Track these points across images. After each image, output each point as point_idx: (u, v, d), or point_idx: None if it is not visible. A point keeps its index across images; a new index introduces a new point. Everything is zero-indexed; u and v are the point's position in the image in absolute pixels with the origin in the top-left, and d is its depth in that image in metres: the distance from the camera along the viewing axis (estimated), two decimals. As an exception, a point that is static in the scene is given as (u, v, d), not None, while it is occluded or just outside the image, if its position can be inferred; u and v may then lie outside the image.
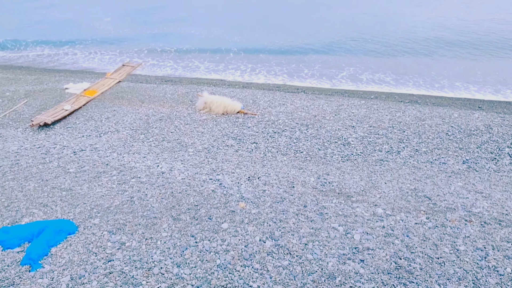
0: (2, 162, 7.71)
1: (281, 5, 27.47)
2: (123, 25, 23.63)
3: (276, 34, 20.02)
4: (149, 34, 21.18)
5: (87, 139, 8.67)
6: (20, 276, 4.95)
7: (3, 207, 6.33)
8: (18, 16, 26.65)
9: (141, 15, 26.18)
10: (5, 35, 21.22)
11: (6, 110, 10.23)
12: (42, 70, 15.21)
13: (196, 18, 24.49)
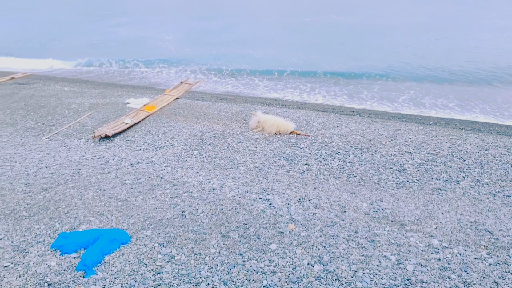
0: (64, 171, 8.13)
1: (342, 29, 27.46)
2: (183, 44, 24.51)
3: (334, 56, 20.01)
4: (208, 54, 21.82)
5: (144, 152, 8.97)
6: (75, 281, 5.14)
7: (63, 214, 6.65)
8: (88, 34, 28.35)
9: (201, 35, 27.05)
10: (76, 53, 22.61)
11: (71, 122, 10.82)
12: (106, 84, 16.02)
13: (255, 39, 24.98)
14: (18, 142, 9.64)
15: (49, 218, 6.53)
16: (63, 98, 12.95)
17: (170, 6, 42.20)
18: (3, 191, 7.39)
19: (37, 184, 7.62)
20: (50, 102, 12.52)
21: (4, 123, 10.88)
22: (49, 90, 14.21)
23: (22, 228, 6.28)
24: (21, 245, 5.89)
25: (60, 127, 10.47)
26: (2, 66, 19.70)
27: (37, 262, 5.53)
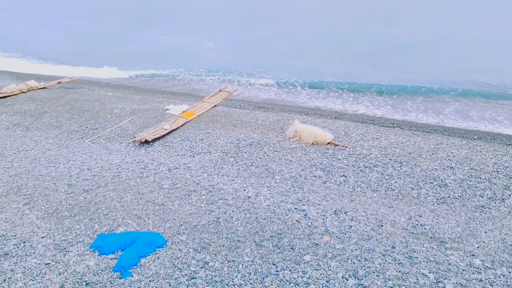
0: (105, 173, 8.37)
1: (385, 40, 27.09)
2: (224, 53, 24.85)
3: (377, 67, 19.77)
4: (247, 63, 22.03)
5: (181, 158, 9.11)
6: (112, 281, 5.26)
7: (102, 215, 6.83)
8: (132, 43, 29.19)
9: (242, 44, 27.34)
10: (124, 61, 23.33)
11: (113, 126, 11.14)
12: (148, 90, 16.44)
13: (295, 48, 25.01)
14: (62, 144, 10.01)
15: (89, 219, 6.72)
16: (106, 103, 13.38)
17: (214, 15, 42.95)
18: (47, 191, 7.68)
19: (79, 186, 7.88)
20: (94, 107, 12.96)
21: (50, 125, 11.34)
22: (93, 95, 14.71)
23: (64, 228, 6.50)
24: (62, 244, 6.10)
25: (102, 131, 10.81)
26: (60, 73, 20.58)
27: (76, 261, 5.70)
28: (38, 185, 7.93)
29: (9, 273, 5.50)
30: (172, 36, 31.09)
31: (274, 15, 40.56)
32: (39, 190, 7.74)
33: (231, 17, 41.37)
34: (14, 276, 5.44)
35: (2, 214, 6.90)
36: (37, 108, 12.94)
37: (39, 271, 5.51)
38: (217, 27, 34.48)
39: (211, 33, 31.91)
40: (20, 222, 6.69)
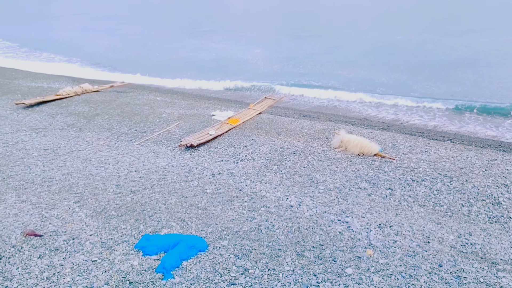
0: (152, 176, 8.58)
1: (441, 51, 26.33)
2: (272, 61, 24.97)
3: (432, 79, 19.24)
4: (294, 71, 22.03)
5: (225, 163, 9.19)
6: (154, 282, 5.36)
7: (148, 216, 7.00)
8: (183, 50, 29.92)
9: (291, 53, 27.36)
10: (182, 69, 23.94)
11: (161, 130, 11.43)
12: (195, 96, 16.76)
13: (345, 58, 24.70)
14: (112, 145, 10.37)
15: (135, 220, 6.90)
16: (155, 107, 13.75)
17: (264, 24, 43.34)
18: (97, 191, 7.97)
19: (126, 186, 8.12)
20: (143, 110, 13.36)
21: (102, 127, 11.79)
22: (143, 99, 15.17)
23: (111, 227, 6.71)
24: (108, 242, 6.29)
25: (150, 134, 11.11)
26: (113, 79, 21.38)
27: (121, 260, 5.86)
28: (88, 184, 8.25)
29: (58, 267, 5.74)
30: (221, 43, 31.61)
31: (324, 23, 40.40)
32: (89, 189, 8.04)
33: (280, 26, 41.57)
34: (63, 270, 5.67)
35: (54, 211, 7.22)
36: (90, 110, 13.50)
37: (86, 268, 5.71)
38: (267, 36, 34.72)
39: (260, 41, 32.18)
40: (70, 219, 6.97)
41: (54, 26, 45.52)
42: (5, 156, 9.76)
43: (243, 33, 35.71)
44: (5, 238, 6.44)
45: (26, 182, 8.37)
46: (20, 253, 6.08)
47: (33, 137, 11.02)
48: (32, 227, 6.72)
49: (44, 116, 12.89)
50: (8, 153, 9.94)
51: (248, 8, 60.58)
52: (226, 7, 63.78)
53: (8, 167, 9.10)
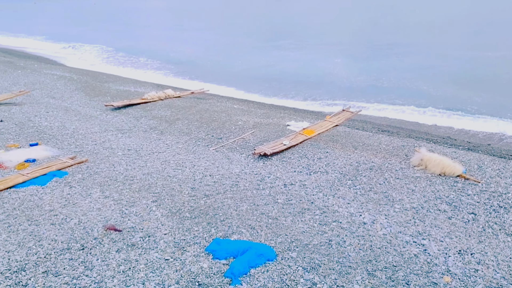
0: (225, 181, 8.75)
1: None
2: (351, 72, 24.52)
3: None
4: (374, 84, 21.47)
5: (297, 174, 9.14)
6: (222, 286, 5.43)
7: (219, 221, 7.13)
8: (261, 58, 30.40)
9: (372, 65, 26.76)
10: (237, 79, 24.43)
11: (236, 137, 11.65)
12: (271, 105, 16.92)
13: (429, 72, 23.62)
14: (190, 149, 10.75)
15: (207, 223, 7.07)
16: (232, 115, 14.07)
17: (347, 37, 42.90)
18: (173, 192, 8.28)
19: (201, 190, 8.35)
20: (220, 117, 13.72)
21: (181, 131, 12.27)
22: (221, 106, 15.60)
23: (184, 228, 6.92)
24: (181, 243, 6.49)
25: (226, 141, 11.37)
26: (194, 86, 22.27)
27: (192, 261, 6.01)
28: (166, 185, 8.60)
29: (134, 262, 6.02)
30: (296, 51, 31.69)
31: (408, 36, 39.04)
32: (166, 190, 8.38)
33: (363, 34, 40.84)
34: (137, 266, 5.94)
35: (134, 208, 7.61)
36: (172, 114, 14.12)
37: (159, 265, 5.93)
38: (349, 49, 34.25)
39: (341, 54, 31.79)
40: (148, 217, 7.30)
41: (146, 34, 48.48)
42: (93, 153, 10.49)
43: (326, 46, 35.47)
44: (89, 230, 6.89)
45: (110, 179, 8.92)
46: (101, 245, 6.46)
47: (118, 137, 11.75)
48: (112, 222, 7.13)
49: (130, 118, 13.70)
50: (96, 151, 10.68)
51: (335, 21, 60.26)
52: (314, 19, 63.97)
53: (95, 164, 9.77)
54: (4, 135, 11.80)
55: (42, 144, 11.09)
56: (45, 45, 40.15)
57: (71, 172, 9.29)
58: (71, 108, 15.00)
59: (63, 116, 13.83)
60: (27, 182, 8.72)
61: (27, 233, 6.81)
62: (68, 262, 6.05)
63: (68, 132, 12.17)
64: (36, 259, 6.12)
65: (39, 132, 12.19)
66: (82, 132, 12.19)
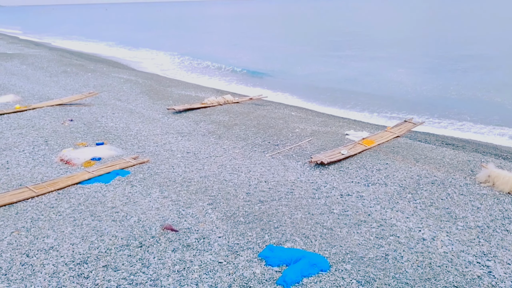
0: (280, 188, 8.73)
1: None
2: (416, 82, 23.71)
3: None
4: (442, 95, 20.58)
5: (355, 185, 8.93)
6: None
7: (273, 228, 7.12)
8: (321, 66, 30.19)
9: (439, 74, 25.75)
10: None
11: (293, 144, 11.61)
12: (329, 114, 16.71)
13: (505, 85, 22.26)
14: (246, 155, 10.84)
15: (261, 229, 7.08)
16: (289, 122, 14.05)
17: (409, 43, 41.65)
18: (228, 196, 8.38)
19: (255, 195, 8.39)
20: (277, 124, 13.74)
21: (238, 137, 12.42)
22: (279, 113, 15.62)
23: (238, 232, 6.98)
24: (234, 247, 6.54)
25: (282, 148, 11.36)
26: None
27: (245, 266, 6.04)
28: (221, 189, 8.72)
29: (188, 263, 6.15)
30: (358, 60, 31.13)
31: (480, 45, 37.18)
32: (222, 193, 8.49)
33: (430, 44, 39.41)
34: (192, 266, 6.05)
35: (190, 210, 7.79)
36: (230, 120, 14.34)
37: (212, 267, 6.01)
38: (410, 58, 33.18)
39: (404, 60, 30.87)
40: (203, 219, 7.43)
41: (208, 41, 49.80)
42: (154, 154, 10.86)
43: (390, 55, 34.57)
44: (147, 228, 7.13)
45: (169, 180, 9.19)
46: (158, 244, 6.66)
47: (178, 140, 12.09)
48: (170, 222, 7.33)
49: (190, 122, 14.07)
50: (157, 152, 11.05)
51: (401, 31, 58.84)
52: (378, 28, 62.83)
53: (155, 165, 10.11)
54: (73, 134, 12.54)
55: (108, 144, 11.66)
56: (114, 50, 42.30)
57: (133, 172, 9.68)
58: (135, 110, 15.67)
59: (127, 118, 14.47)
60: (92, 179, 9.18)
61: (90, 228, 7.16)
62: (126, 258, 6.29)
63: (132, 133, 12.71)
64: (97, 253, 6.41)
65: (105, 132, 12.82)
66: (145, 134, 12.67)
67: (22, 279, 5.79)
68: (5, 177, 9.30)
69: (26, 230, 7.09)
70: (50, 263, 6.16)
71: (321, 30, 62.30)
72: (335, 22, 77.13)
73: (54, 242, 6.72)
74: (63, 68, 25.40)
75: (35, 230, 7.09)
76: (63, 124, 13.49)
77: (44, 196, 8.39)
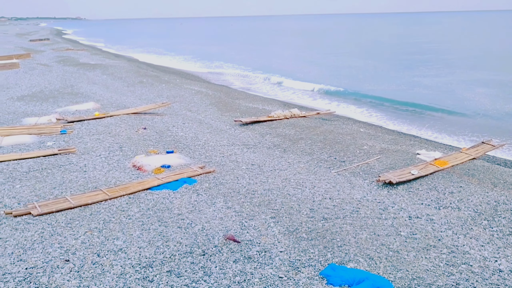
0: (345, 206, 8.52)
1: None
2: (497, 100, 22.29)
3: None
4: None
5: (425, 207, 8.51)
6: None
7: (336, 246, 6.94)
8: (396, 82, 29.33)
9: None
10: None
11: (360, 161, 11.32)
12: (399, 132, 16.13)
13: None
14: (311, 170, 10.73)
15: (323, 247, 6.93)
16: (357, 138, 13.74)
17: (492, 61, 39.40)
18: (291, 210, 8.32)
19: (319, 212, 8.25)
20: (345, 140, 13.49)
21: (304, 151, 12.34)
22: (347, 128, 15.34)
23: (300, 248, 6.89)
24: (296, 263, 6.46)
25: (349, 165, 11.11)
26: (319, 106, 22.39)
27: (305, 283, 5.93)
28: (285, 203, 8.68)
29: (249, 275, 6.15)
30: (435, 79, 29.82)
31: None
32: (285, 208, 8.45)
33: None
34: (252, 279, 6.05)
35: (253, 222, 7.82)
36: (295, 134, 14.30)
37: (272, 282, 5.97)
38: (491, 77, 31.28)
39: (483, 82, 29.17)
40: (265, 232, 7.42)
41: (279, 54, 50.37)
42: (220, 165, 11.08)
43: (468, 73, 32.87)
44: (210, 237, 7.25)
45: (233, 191, 9.31)
46: (220, 254, 6.74)
47: (244, 152, 12.25)
48: (232, 232, 7.40)
49: (255, 135, 14.22)
50: (223, 163, 11.26)
51: (482, 48, 55.97)
52: (456, 44, 60.26)
53: (221, 175, 10.30)
54: (146, 141, 13.13)
55: (177, 152, 12.08)
56: (187, 63, 43.96)
57: (199, 181, 9.93)
58: (204, 121, 16.13)
59: (196, 128, 14.92)
60: (161, 186, 9.54)
61: (157, 233, 7.41)
62: (189, 265, 6.43)
63: (200, 143, 13.07)
64: (162, 258, 6.61)
65: (175, 141, 13.30)
66: (212, 144, 12.98)
67: (92, 277, 6.10)
68: (82, 179, 9.92)
69: (98, 231, 7.48)
70: (118, 264, 6.44)
71: (396, 45, 60.68)
72: (412, 38, 74.83)
73: (123, 244, 7.03)
74: (140, 79, 26.82)
75: (107, 231, 7.46)
76: (137, 131, 14.19)
77: (116, 199, 8.83)
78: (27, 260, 6.52)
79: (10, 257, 6.60)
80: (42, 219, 7.87)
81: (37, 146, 12.46)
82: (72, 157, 11.50)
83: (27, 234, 7.33)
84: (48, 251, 6.79)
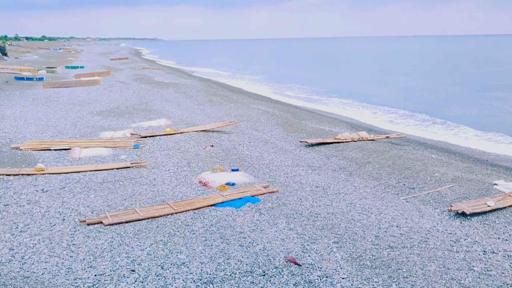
0: (413, 235, 8.13)
1: None
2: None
3: None
4: None
5: (502, 242, 7.89)
6: None
7: (402, 277, 6.60)
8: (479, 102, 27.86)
9: None
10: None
11: (431, 189, 10.77)
12: (475, 160, 15.18)
13: None
14: (378, 196, 10.38)
15: (388, 276, 6.64)
16: (428, 165, 13.12)
17: None
18: (355, 236, 8.07)
19: (385, 240, 7.93)
20: (415, 166, 12.93)
21: (371, 175, 11.99)
22: (417, 154, 14.73)
23: (363, 276, 6.64)
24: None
25: (419, 192, 10.61)
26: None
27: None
28: (349, 228, 8.45)
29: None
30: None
31: None
32: (349, 233, 8.22)
33: None
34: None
35: (315, 245, 7.68)
36: (363, 157, 13.96)
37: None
38: None
39: None
40: (328, 257, 7.25)
41: (351, 76, 49.93)
42: (283, 185, 11.06)
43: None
44: (271, 258, 7.21)
45: (296, 212, 9.24)
46: (280, 275, 6.67)
47: (308, 173, 12.15)
48: (293, 254, 7.31)
49: (321, 156, 14.06)
50: (286, 183, 11.23)
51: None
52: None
53: (284, 195, 10.27)
54: (213, 158, 13.46)
55: (242, 170, 12.24)
56: (256, 84, 44.70)
57: (262, 200, 9.96)
58: (270, 140, 16.25)
59: (262, 148, 15.06)
60: (225, 203, 9.69)
61: (219, 250, 7.51)
62: (249, 284, 6.42)
63: (265, 163, 13.16)
64: (223, 275, 6.67)
65: (241, 159, 13.51)
66: (276, 164, 13.01)
67: (155, 289, 6.29)
68: (151, 193, 10.34)
69: (163, 243, 7.72)
70: (181, 278, 6.59)
71: (476, 69, 57.78)
72: (494, 61, 70.94)
73: (186, 258, 7.19)
74: (209, 98, 27.69)
75: (171, 244, 7.68)
76: (204, 148, 14.60)
77: (181, 213, 9.09)
78: (97, 267, 6.87)
79: (81, 263, 6.99)
80: (112, 229, 8.28)
81: (111, 159, 13.21)
82: (143, 170, 12.04)
83: (98, 242, 7.74)
84: (116, 260, 7.11)
